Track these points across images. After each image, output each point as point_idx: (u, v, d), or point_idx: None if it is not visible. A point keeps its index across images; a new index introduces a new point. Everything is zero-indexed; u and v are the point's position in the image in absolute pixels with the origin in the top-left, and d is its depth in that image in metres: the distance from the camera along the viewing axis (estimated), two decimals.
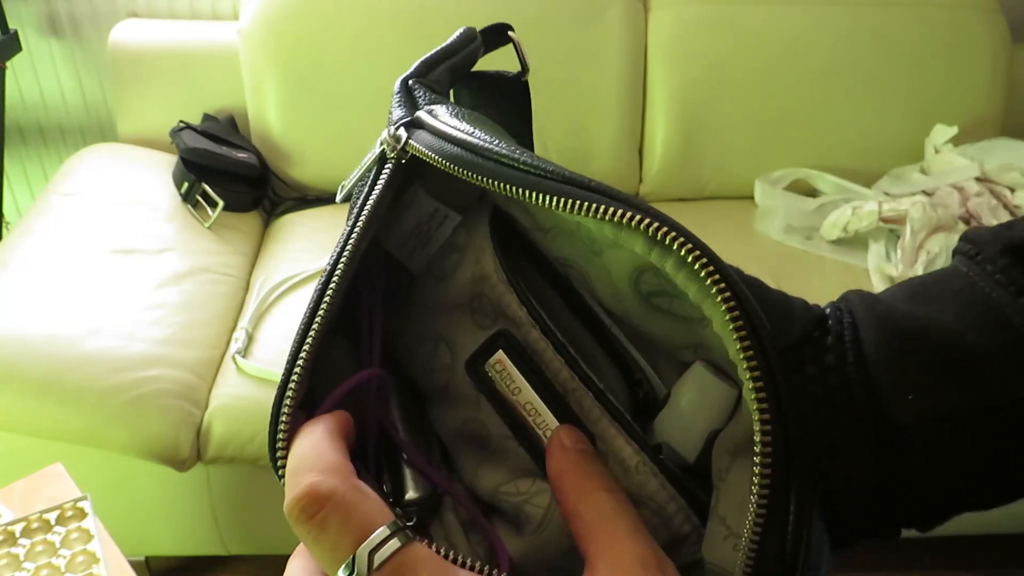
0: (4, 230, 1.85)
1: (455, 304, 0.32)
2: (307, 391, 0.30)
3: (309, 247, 1.61)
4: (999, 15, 1.80)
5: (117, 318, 1.36)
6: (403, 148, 0.30)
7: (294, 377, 0.29)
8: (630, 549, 0.24)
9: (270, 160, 1.76)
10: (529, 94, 0.39)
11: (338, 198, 0.34)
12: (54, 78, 1.91)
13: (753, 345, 0.23)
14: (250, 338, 1.41)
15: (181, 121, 1.71)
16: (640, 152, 1.84)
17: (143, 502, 1.41)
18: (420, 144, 0.30)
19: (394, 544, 0.23)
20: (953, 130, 1.73)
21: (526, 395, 0.29)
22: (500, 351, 0.30)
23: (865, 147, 1.82)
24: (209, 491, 1.40)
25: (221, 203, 1.61)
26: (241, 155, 1.68)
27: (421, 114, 0.31)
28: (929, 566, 1.66)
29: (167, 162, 1.70)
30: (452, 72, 0.36)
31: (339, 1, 1.70)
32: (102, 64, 1.88)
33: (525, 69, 0.39)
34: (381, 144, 0.31)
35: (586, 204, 0.25)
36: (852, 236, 1.66)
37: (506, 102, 0.38)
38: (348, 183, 0.33)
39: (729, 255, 0.28)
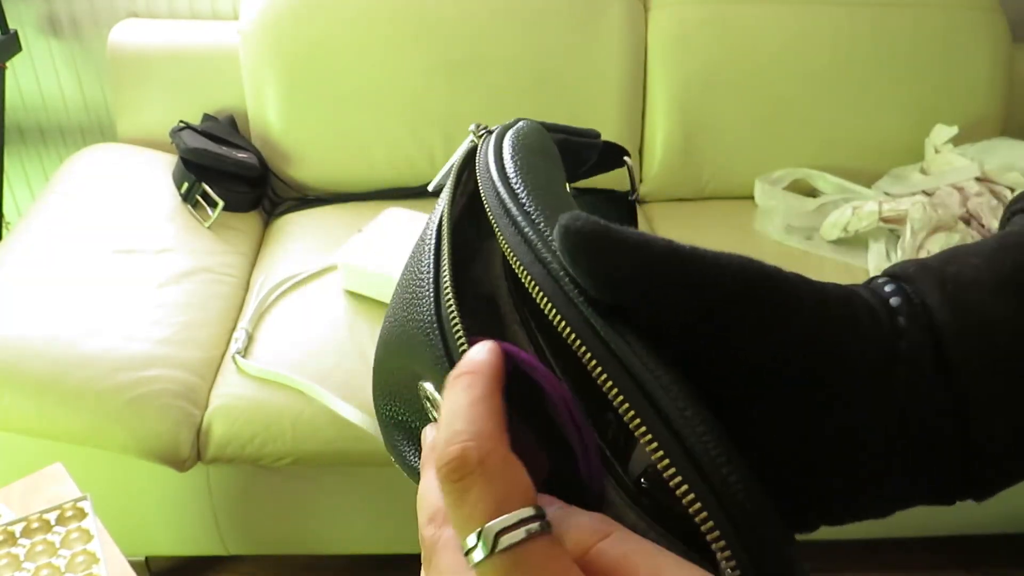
0: (4, 230, 1.85)
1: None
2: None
3: (309, 247, 1.61)
4: (999, 15, 1.80)
5: (117, 318, 1.36)
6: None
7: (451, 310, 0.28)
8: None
9: (270, 160, 1.77)
10: (636, 215, 0.41)
11: (431, 186, 0.36)
12: (54, 78, 1.91)
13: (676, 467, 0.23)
14: (250, 338, 1.41)
15: (181, 121, 1.71)
16: (640, 152, 1.84)
17: (143, 502, 1.41)
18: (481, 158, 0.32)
19: (530, 529, 0.22)
20: (953, 130, 1.73)
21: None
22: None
23: (865, 147, 1.82)
24: (209, 491, 1.40)
25: (221, 203, 1.61)
26: (241, 155, 1.68)
27: (492, 139, 0.33)
28: (929, 566, 1.66)
29: (167, 162, 1.71)
30: (562, 147, 0.37)
31: (339, 1, 1.70)
32: (102, 64, 1.88)
33: (635, 190, 0.41)
34: (470, 141, 0.34)
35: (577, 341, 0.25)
36: (852, 236, 1.66)
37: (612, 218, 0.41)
38: (438, 177, 0.35)
39: None
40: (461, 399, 0.24)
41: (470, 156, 0.33)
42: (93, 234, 1.51)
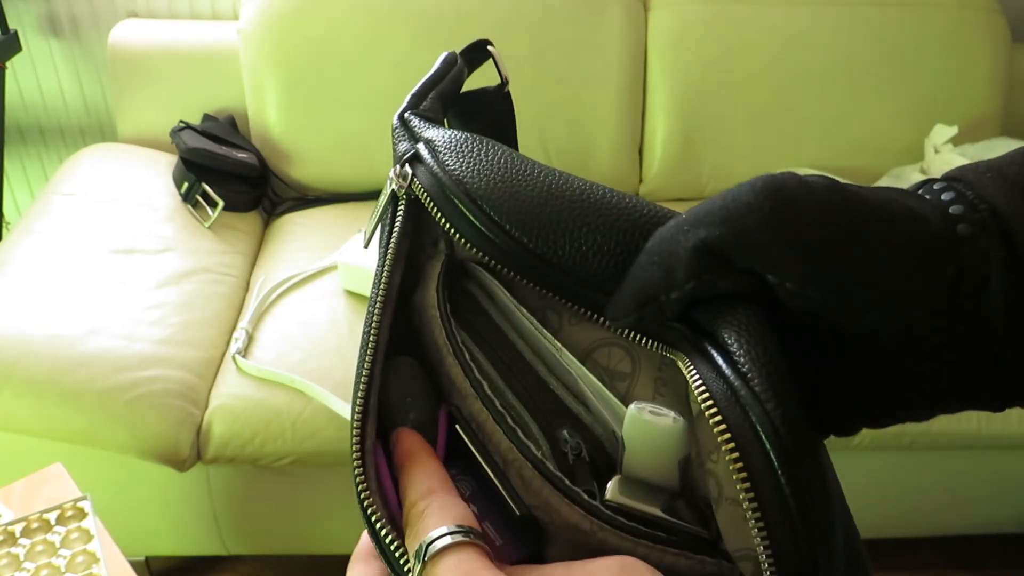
0: (4, 230, 1.85)
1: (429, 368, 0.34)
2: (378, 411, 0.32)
3: (309, 247, 1.61)
4: (999, 15, 1.80)
5: (117, 318, 1.36)
6: (410, 186, 0.32)
7: (356, 418, 0.31)
8: None
9: (270, 160, 1.77)
10: (512, 106, 0.40)
11: (364, 245, 0.37)
12: (54, 78, 1.91)
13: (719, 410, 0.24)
14: (250, 338, 1.41)
15: (181, 121, 1.71)
16: (640, 152, 1.84)
17: (143, 502, 1.41)
18: (421, 182, 0.31)
19: (445, 541, 0.27)
20: (953, 130, 1.73)
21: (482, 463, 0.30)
22: (456, 425, 0.31)
23: (865, 147, 1.82)
24: (209, 491, 1.40)
25: (221, 203, 1.61)
26: (241, 155, 1.68)
27: (421, 148, 0.32)
28: (929, 565, 1.66)
29: (167, 162, 1.71)
30: (442, 98, 0.37)
31: (339, 1, 1.70)
32: (102, 64, 1.88)
33: (505, 81, 0.40)
34: (391, 184, 0.33)
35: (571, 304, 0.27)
36: None
37: (492, 117, 0.40)
38: (368, 229, 0.35)
39: None
40: (411, 472, 0.30)
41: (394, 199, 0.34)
42: (93, 234, 1.51)
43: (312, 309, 1.46)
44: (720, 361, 0.25)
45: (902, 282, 0.25)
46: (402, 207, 0.32)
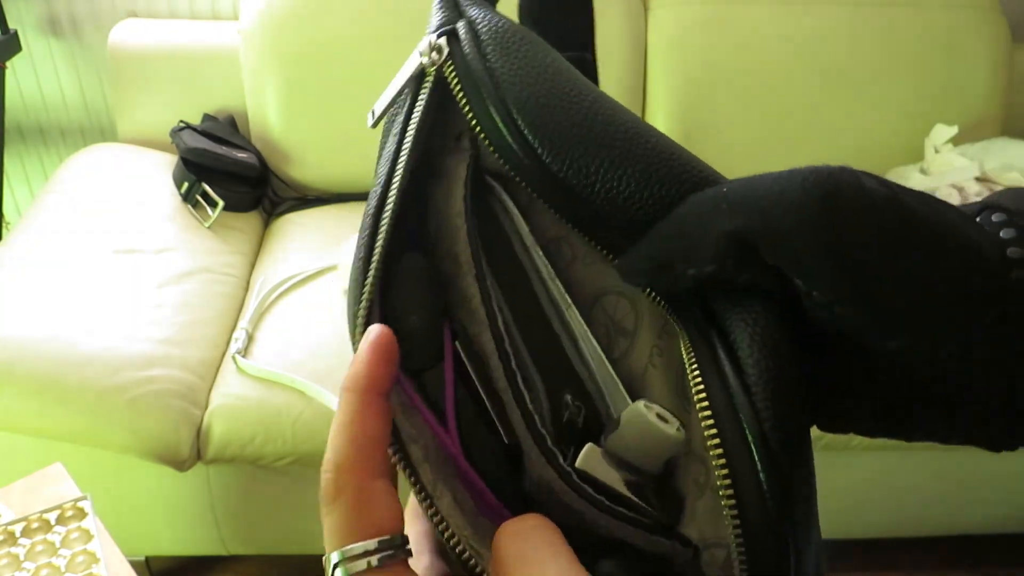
0: (4, 230, 1.85)
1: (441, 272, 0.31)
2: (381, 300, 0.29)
3: (309, 247, 1.61)
4: (999, 15, 1.80)
5: (117, 318, 1.36)
6: (443, 65, 0.28)
7: (363, 305, 0.27)
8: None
9: (270, 160, 1.76)
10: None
11: (369, 123, 0.32)
12: (54, 78, 1.91)
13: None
14: (250, 338, 1.41)
15: (181, 121, 1.71)
16: None
17: (143, 502, 1.41)
18: (456, 67, 0.27)
19: (370, 562, 0.24)
20: (953, 130, 1.73)
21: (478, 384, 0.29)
22: (456, 341, 0.29)
23: (865, 147, 1.82)
24: (209, 491, 1.40)
25: (221, 203, 1.61)
26: (241, 155, 1.68)
27: (461, 28, 0.28)
28: (930, 566, 1.66)
29: (167, 162, 1.70)
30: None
31: (339, 1, 1.70)
32: (102, 64, 1.88)
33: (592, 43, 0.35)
34: (420, 56, 0.28)
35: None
36: None
37: (566, 7, 0.35)
38: (380, 106, 0.31)
39: None
40: (334, 422, 0.26)
41: (420, 78, 0.29)
42: (93, 234, 1.51)
43: (312, 309, 1.46)
44: (726, 365, 0.24)
45: (939, 316, 0.23)
46: (427, 87, 0.28)
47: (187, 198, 1.62)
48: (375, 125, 0.32)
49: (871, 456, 1.50)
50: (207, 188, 1.61)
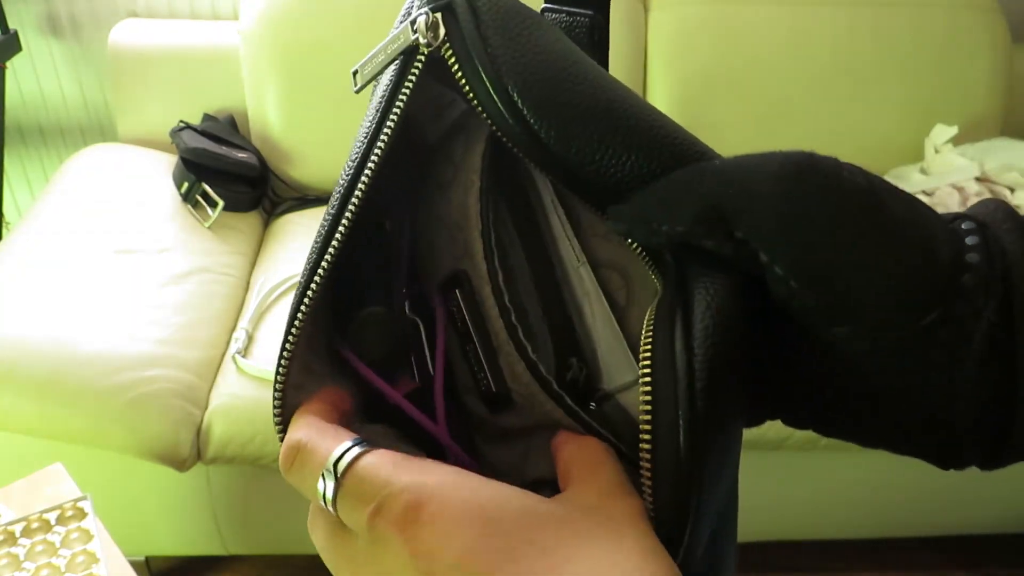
0: (4, 230, 1.85)
1: (451, 223, 0.31)
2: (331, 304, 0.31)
3: (309, 247, 1.61)
4: (999, 15, 1.80)
5: (117, 318, 1.36)
6: (441, 45, 0.27)
7: (301, 310, 0.30)
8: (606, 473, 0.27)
9: (270, 160, 1.76)
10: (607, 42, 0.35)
11: (356, 87, 0.31)
12: (54, 78, 1.91)
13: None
14: (250, 338, 1.41)
15: (181, 121, 1.71)
16: None
17: (143, 502, 1.41)
18: (454, 49, 0.26)
19: (354, 452, 0.26)
20: (953, 130, 1.73)
21: (473, 338, 0.30)
22: (457, 291, 0.30)
23: (865, 147, 1.82)
24: (209, 491, 1.40)
25: (221, 203, 1.61)
26: (241, 155, 1.68)
27: (459, 4, 0.27)
28: (930, 566, 1.66)
29: (167, 162, 1.70)
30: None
31: (339, 1, 1.70)
32: (102, 64, 1.88)
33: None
34: (412, 33, 0.28)
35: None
36: None
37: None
38: (367, 69, 0.30)
39: None
40: (293, 432, 0.31)
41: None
42: (93, 234, 1.51)
43: None
44: (678, 326, 0.25)
45: (881, 307, 0.24)
46: (418, 66, 0.28)
47: (187, 198, 1.62)
48: (358, 91, 0.31)
49: (871, 456, 1.50)
50: (207, 188, 1.61)
